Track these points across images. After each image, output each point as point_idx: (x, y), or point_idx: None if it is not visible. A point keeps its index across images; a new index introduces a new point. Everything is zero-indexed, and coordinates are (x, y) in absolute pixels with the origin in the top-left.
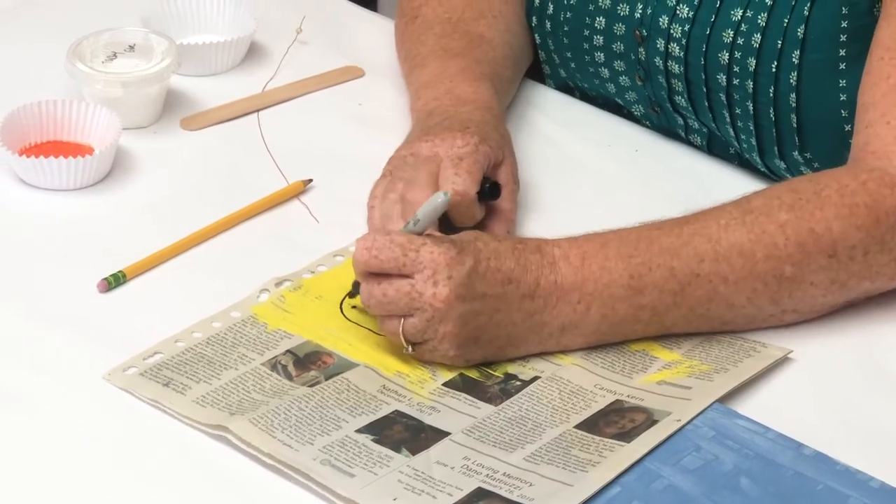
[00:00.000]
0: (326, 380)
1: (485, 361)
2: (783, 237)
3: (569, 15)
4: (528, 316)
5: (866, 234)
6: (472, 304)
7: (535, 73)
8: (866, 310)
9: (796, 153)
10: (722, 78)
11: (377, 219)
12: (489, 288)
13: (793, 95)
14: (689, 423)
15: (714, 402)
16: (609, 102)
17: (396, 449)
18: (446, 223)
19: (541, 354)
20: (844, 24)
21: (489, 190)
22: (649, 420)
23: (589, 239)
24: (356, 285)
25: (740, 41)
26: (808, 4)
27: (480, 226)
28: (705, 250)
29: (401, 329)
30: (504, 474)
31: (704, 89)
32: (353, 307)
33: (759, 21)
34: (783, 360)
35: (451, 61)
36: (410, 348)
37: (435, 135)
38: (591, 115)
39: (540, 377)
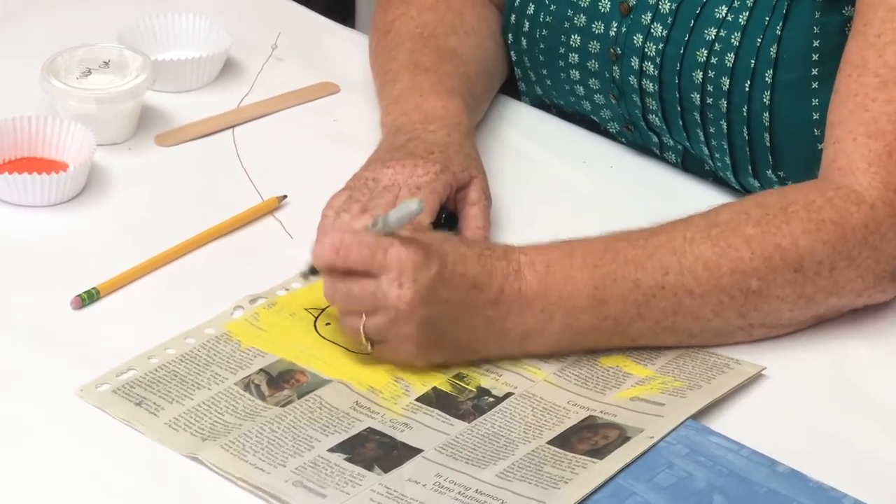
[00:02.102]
0: (299, 398)
1: (445, 363)
2: (749, 251)
3: (544, 32)
4: (491, 322)
5: (832, 249)
6: (435, 308)
7: (511, 89)
8: (839, 327)
9: (770, 172)
10: (696, 97)
11: (327, 228)
12: (453, 293)
13: (766, 114)
14: (661, 439)
15: (687, 419)
16: (585, 119)
17: (369, 467)
18: None
19: (513, 369)
20: (816, 44)
21: (445, 221)
22: (622, 437)
23: (555, 247)
24: (315, 269)
25: (714, 60)
26: (781, 24)
27: None
28: (670, 263)
29: (362, 327)
30: (476, 491)
31: (679, 108)
32: (327, 324)
33: (733, 41)
34: (757, 377)
35: (422, 76)
36: (370, 346)
37: (397, 161)
38: (567, 131)
39: (513, 393)
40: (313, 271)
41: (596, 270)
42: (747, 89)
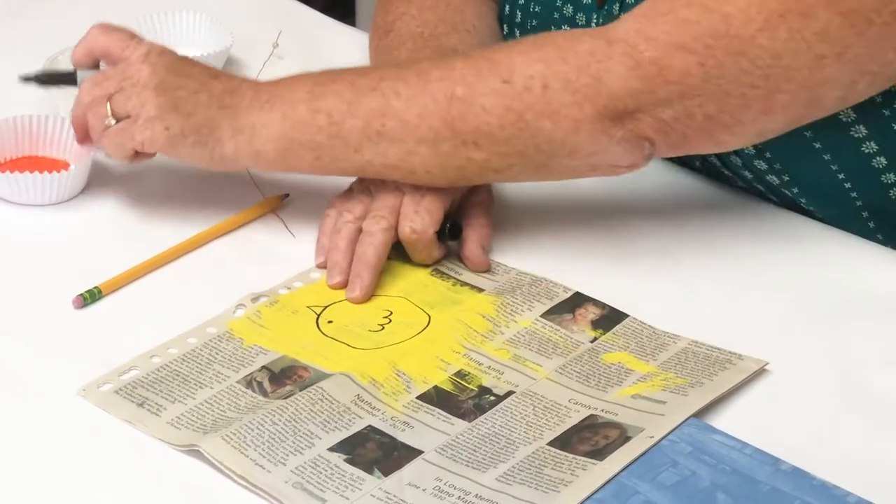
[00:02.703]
0: (301, 391)
1: (182, 135)
2: (462, 63)
3: (535, 23)
4: (225, 106)
5: (546, 66)
6: (176, 79)
7: None
8: (843, 322)
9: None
10: None
11: (328, 227)
12: (195, 73)
13: None
14: (663, 438)
15: (689, 418)
16: None
17: (369, 470)
18: (399, 251)
19: (515, 367)
20: None
21: (449, 231)
22: (623, 436)
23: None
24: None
25: None
26: None
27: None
28: (388, 73)
29: (108, 105)
30: (476, 495)
31: None
32: (330, 322)
33: None
34: (760, 373)
35: None
36: (114, 121)
37: None
38: None
39: (514, 392)
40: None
41: (319, 77)
42: None
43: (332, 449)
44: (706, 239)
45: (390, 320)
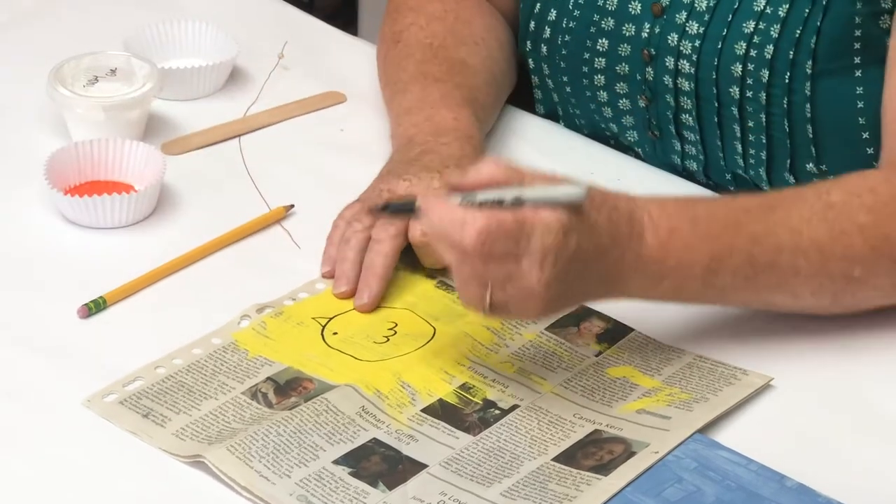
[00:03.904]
0: (306, 402)
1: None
2: (861, 239)
3: (567, 38)
4: (604, 281)
5: None
6: (566, 282)
7: (519, 99)
8: (848, 337)
9: (811, 165)
10: (735, 90)
11: (336, 237)
12: (583, 265)
13: (808, 105)
14: (668, 453)
15: (694, 433)
16: (596, 130)
17: (373, 483)
18: (410, 259)
19: (520, 380)
20: (858, 33)
21: None
22: (627, 451)
23: (679, 209)
24: (398, 208)
25: (753, 53)
26: (821, 15)
27: None
28: (787, 242)
29: (488, 296)
30: None
31: (716, 104)
32: (334, 333)
33: (772, 32)
34: (765, 388)
35: (433, 87)
36: (488, 310)
37: (413, 174)
38: (574, 142)
39: (519, 406)
40: (396, 210)
41: (716, 242)
42: (787, 81)
43: (336, 462)
44: None
45: (395, 332)
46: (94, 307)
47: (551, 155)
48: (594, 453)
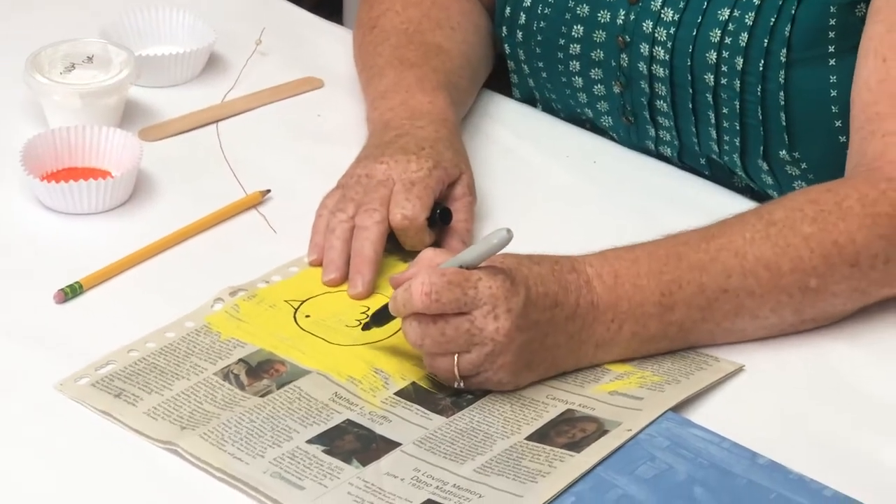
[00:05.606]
0: (278, 388)
1: (530, 383)
2: (808, 250)
3: (542, 24)
4: (570, 337)
5: (888, 242)
6: (528, 332)
7: (496, 84)
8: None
9: (783, 152)
10: (709, 77)
11: (322, 228)
12: (541, 314)
13: (781, 93)
14: (641, 432)
15: (667, 412)
16: (572, 115)
17: (347, 460)
18: (395, 244)
19: None
20: (832, 22)
21: (440, 216)
22: (600, 430)
23: (618, 256)
24: (378, 317)
25: (728, 40)
26: (796, 4)
27: (436, 240)
28: (733, 265)
29: (455, 365)
30: (454, 486)
31: (690, 90)
32: (307, 316)
33: (747, 20)
34: (736, 373)
35: (408, 71)
36: (461, 382)
37: (390, 156)
38: (550, 125)
39: (492, 390)
40: (377, 321)
41: (662, 277)
42: (761, 68)
43: (310, 441)
44: None
45: (368, 316)
46: (71, 292)
47: (527, 138)
48: (567, 431)
